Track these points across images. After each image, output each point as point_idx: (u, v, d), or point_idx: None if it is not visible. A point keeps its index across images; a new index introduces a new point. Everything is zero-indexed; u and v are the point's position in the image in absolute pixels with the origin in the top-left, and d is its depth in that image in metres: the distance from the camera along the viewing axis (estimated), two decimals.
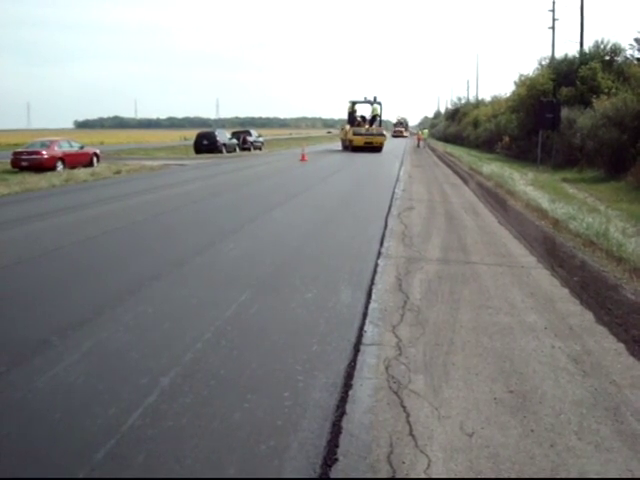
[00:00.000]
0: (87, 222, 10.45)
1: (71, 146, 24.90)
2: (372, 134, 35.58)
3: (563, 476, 2.88)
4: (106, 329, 4.85)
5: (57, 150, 23.53)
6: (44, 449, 3.11)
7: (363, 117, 38.19)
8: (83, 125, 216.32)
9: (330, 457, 3.00)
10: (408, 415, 3.43)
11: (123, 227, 9.85)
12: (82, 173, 20.48)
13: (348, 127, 37.02)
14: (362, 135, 35.35)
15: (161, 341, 4.63)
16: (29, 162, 22.54)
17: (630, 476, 2.88)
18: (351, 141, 35.46)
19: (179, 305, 5.55)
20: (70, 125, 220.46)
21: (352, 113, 37.97)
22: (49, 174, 20.16)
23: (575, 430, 3.28)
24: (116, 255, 7.78)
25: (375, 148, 34.70)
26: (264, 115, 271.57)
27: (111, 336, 4.71)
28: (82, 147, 25.79)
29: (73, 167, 22.83)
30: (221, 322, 4.99)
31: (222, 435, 3.23)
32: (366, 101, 38.71)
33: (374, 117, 38.05)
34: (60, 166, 22.84)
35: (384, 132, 38.06)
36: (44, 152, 22.96)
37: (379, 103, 38.37)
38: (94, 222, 10.39)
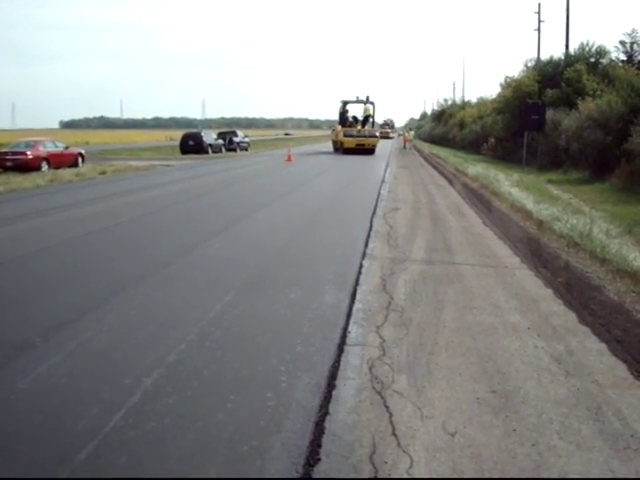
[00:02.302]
0: (71, 223, 10.39)
1: (56, 146, 24.69)
2: (364, 135, 33.99)
3: (544, 476, 2.89)
4: (89, 330, 4.81)
5: (42, 150, 23.32)
6: (26, 450, 3.08)
7: (355, 118, 36.36)
8: (68, 125, 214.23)
9: (313, 457, 3.00)
10: (391, 415, 3.43)
11: (107, 228, 9.78)
12: (67, 173, 20.36)
13: (339, 128, 35.47)
14: (354, 137, 33.75)
15: (145, 342, 4.60)
16: (13, 162, 22.32)
17: (611, 476, 2.90)
18: (342, 143, 33.94)
19: (163, 306, 5.53)
20: (55, 125, 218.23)
21: (343, 113, 36.27)
22: (34, 174, 20.02)
23: (557, 430, 3.30)
24: (100, 256, 7.72)
25: (367, 150, 33.26)
26: (250, 115, 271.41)
27: (94, 337, 4.68)
28: (67, 147, 25.60)
29: (58, 167, 22.66)
30: (205, 323, 4.98)
31: (205, 436, 3.22)
32: (358, 101, 36.73)
33: (366, 118, 36.03)
34: (45, 166, 22.65)
35: (377, 133, 36.48)
36: (29, 152, 22.75)
37: (372, 103, 36.24)
38: (78, 223, 10.33)
